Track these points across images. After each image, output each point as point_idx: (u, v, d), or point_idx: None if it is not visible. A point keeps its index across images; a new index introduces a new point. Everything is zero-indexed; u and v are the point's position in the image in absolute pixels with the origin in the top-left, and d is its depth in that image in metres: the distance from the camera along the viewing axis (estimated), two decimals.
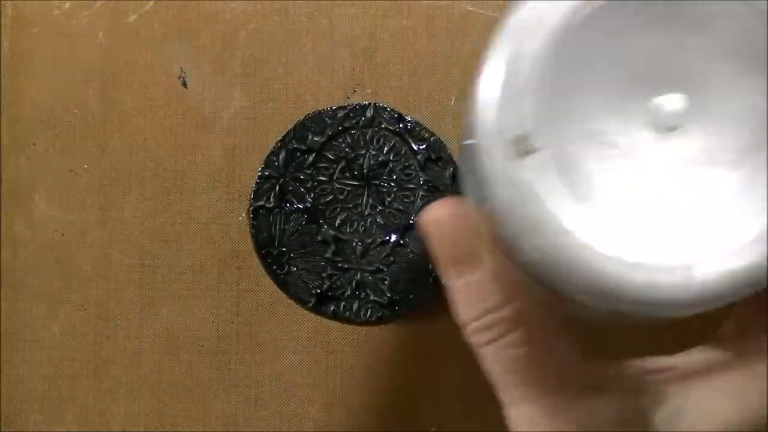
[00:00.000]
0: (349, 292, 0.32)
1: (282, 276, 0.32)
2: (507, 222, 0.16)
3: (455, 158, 0.32)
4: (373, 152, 0.32)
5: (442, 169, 0.32)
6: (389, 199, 0.32)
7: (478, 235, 0.18)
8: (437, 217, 0.18)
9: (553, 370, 0.18)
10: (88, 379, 0.32)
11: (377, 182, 0.32)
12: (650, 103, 0.16)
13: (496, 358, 0.18)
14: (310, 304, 0.32)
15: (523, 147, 0.16)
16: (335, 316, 0.32)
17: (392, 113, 0.32)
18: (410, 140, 0.32)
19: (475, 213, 0.18)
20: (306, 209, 0.32)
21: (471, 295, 0.18)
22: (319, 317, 0.32)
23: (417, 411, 0.32)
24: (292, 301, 0.32)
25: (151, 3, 0.33)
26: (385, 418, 0.32)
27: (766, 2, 0.16)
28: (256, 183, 0.32)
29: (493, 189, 0.16)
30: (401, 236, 0.32)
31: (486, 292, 0.18)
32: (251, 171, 0.32)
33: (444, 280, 0.19)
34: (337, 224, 0.32)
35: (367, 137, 0.32)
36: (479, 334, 0.18)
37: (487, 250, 0.18)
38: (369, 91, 0.32)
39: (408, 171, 0.32)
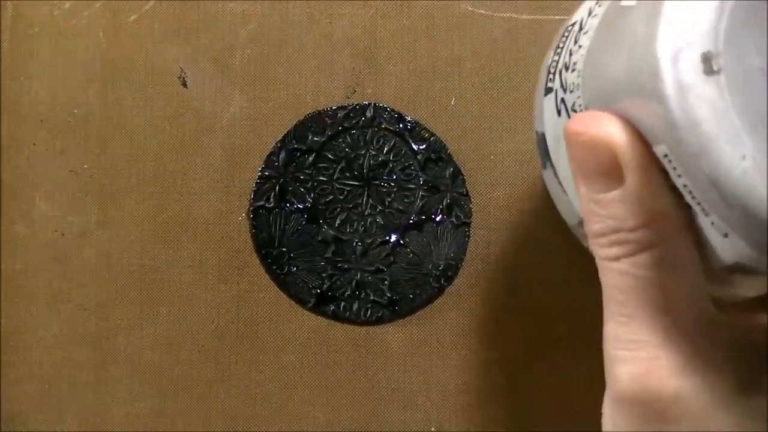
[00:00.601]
0: (349, 292, 0.32)
1: (282, 276, 0.32)
2: (680, 138, 0.15)
3: (455, 158, 0.32)
4: (373, 152, 0.32)
5: (442, 169, 0.32)
6: (389, 199, 0.32)
7: (627, 154, 0.17)
8: (585, 127, 0.18)
9: (672, 299, 0.18)
10: (88, 379, 0.32)
11: (377, 182, 0.32)
12: None
13: (616, 274, 0.18)
14: (310, 304, 0.32)
15: (709, 65, 0.15)
16: (335, 316, 0.32)
17: (392, 113, 0.32)
18: (410, 140, 0.32)
19: (626, 130, 0.17)
20: (306, 209, 0.32)
21: (606, 210, 0.18)
22: (319, 317, 0.32)
23: (417, 411, 0.32)
24: (292, 301, 0.32)
25: (151, 3, 0.33)
26: (385, 418, 0.32)
27: None
28: (256, 183, 0.32)
29: (671, 104, 0.15)
30: (401, 236, 0.32)
31: (623, 210, 0.18)
32: (251, 171, 0.32)
33: (581, 192, 0.19)
34: (337, 224, 0.32)
35: (367, 137, 0.32)
36: (607, 249, 0.18)
37: (633, 170, 0.17)
38: (369, 91, 0.32)
39: (408, 171, 0.32)
